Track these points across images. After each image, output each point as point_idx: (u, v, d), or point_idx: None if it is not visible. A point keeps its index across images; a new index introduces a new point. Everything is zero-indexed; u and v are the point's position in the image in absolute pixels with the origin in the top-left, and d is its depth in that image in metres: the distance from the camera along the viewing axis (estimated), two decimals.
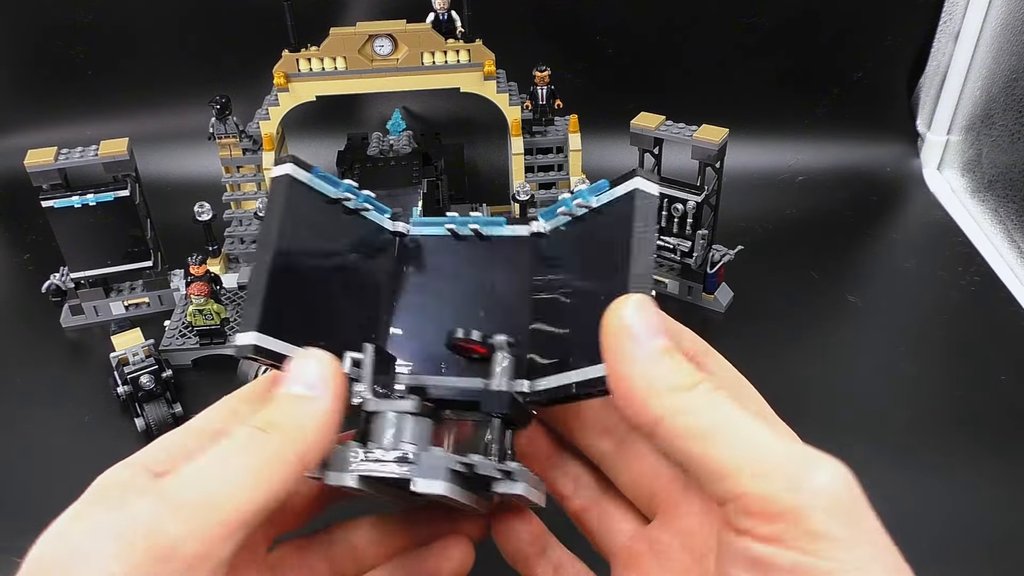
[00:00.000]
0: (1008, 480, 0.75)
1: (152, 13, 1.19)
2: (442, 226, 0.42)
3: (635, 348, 0.30)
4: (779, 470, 0.28)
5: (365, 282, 0.40)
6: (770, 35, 1.21)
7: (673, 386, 0.30)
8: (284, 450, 0.30)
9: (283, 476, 0.30)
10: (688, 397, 0.30)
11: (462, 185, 1.15)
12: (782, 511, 0.27)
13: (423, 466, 0.33)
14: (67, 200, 0.89)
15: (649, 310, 0.31)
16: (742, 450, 0.29)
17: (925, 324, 0.96)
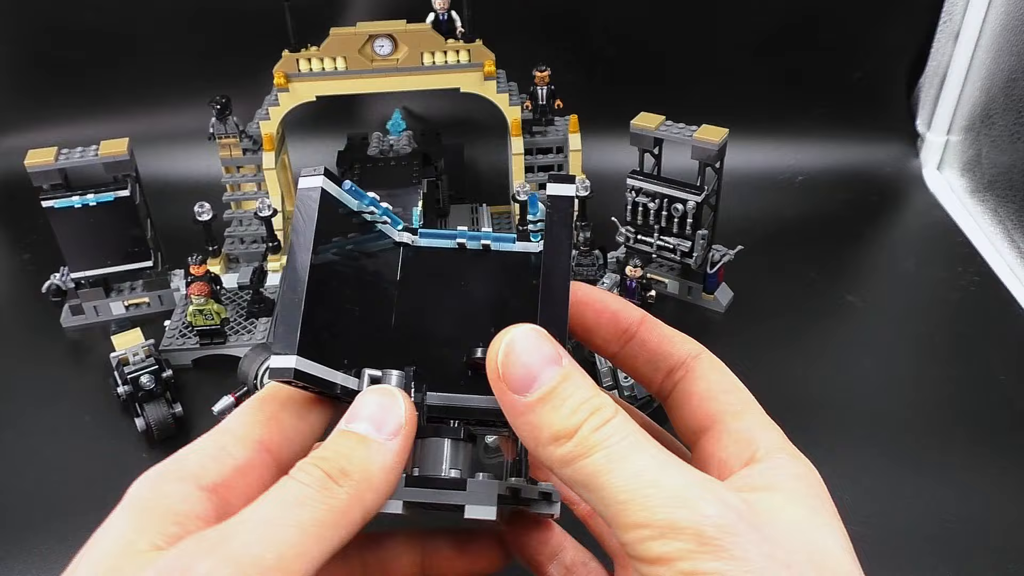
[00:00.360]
0: (1008, 480, 0.75)
1: (152, 13, 1.19)
2: (453, 239, 0.41)
3: (513, 401, 0.29)
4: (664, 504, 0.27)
5: (379, 296, 0.39)
6: (770, 35, 1.21)
7: (553, 436, 0.28)
8: (353, 506, 0.28)
9: (349, 533, 0.28)
10: (568, 447, 0.28)
11: (462, 185, 1.15)
12: (669, 529, 0.26)
13: (473, 492, 0.33)
14: (67, 200, 0.89)
15: (527, 344, 0.29)
16: (625, 489, 0.27)
17: (925, 324, 0.96)
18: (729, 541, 0.26)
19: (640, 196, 0.93)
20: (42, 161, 0.88)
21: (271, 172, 1.00)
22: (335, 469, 0.28)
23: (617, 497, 0.27)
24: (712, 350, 0.40)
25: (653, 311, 0.97)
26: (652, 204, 0.93)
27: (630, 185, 0.94)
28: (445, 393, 0.38)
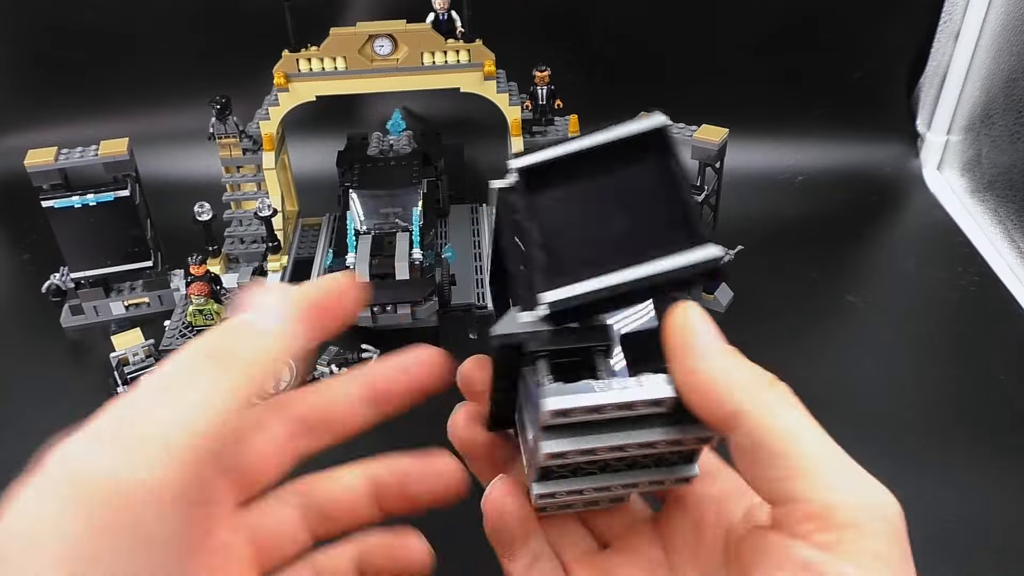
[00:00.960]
0: (1008, 480, 0.75)
1: (152, 13, 1.19)
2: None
3: (710, 343, 0.32)
4: (851, 486, 0.29)
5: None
6: (770, 35, 1.21)
7: (752, 382, 0.31)
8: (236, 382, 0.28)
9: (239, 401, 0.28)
10: (768, 395, 0.31)
11: (462, 185, 1.15)
12: (846, 524, 0.28)
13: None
14: (67, 200, 0.89)
15: (709, 320, 0.33)
16: (818, 457, 0.30)
17: (925, 324, 0.96)
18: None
19: None
20: (42, 161, 0.88)
21: (271, 172, 1.00)
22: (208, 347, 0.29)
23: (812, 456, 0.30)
24: None
25: None
26: None
27: None
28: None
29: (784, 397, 0.31)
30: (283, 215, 1.02)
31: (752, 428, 0.30)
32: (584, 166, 0.36)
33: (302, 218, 1.12)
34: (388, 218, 0.94)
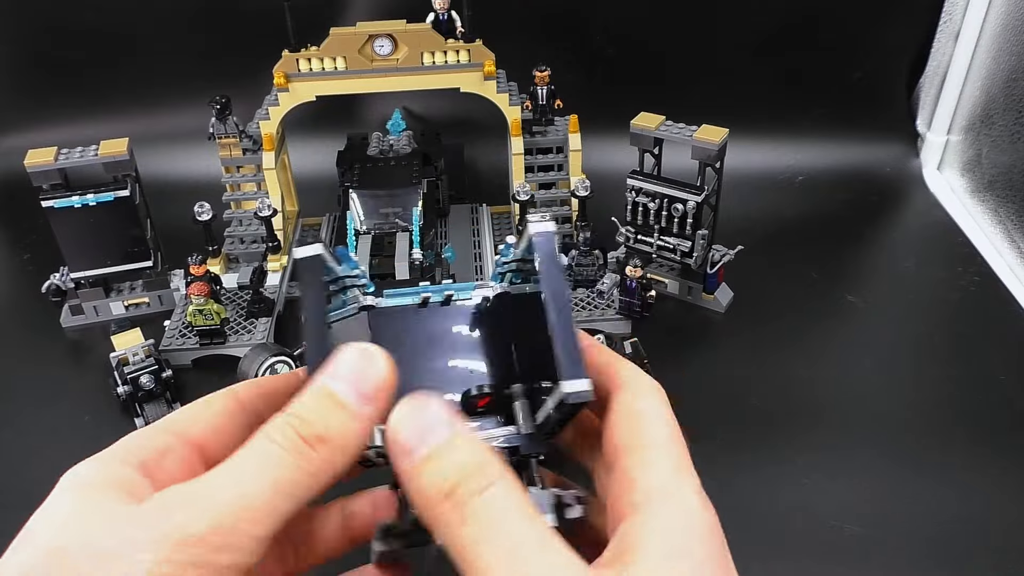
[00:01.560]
0: (1008, 480, 0.75)
1: (152, 13, 1.19)
2: (417, 296, 0.43)
3: (405, 463, 0.29)
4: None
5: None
6: (770, 35, 1.21)
7: (433, 498, 0.29)
8: (325, 470, 0.29)
9: (318, 492, 0.29)
10: (446, 507, 0.28)
11: (462, 185, 1.15)
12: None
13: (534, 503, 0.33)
14: (67, 200, 0.89)
15: (414, 413, 0.30)
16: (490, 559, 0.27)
17: (925, 324, 0.96)
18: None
19: (640, 196, 0.93)
20: (42, 161, 0.88)
21: (271, 172, 1.00)
22: (311, 435, 0.29)
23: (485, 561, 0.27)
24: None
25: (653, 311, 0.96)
26: (652, 204, 0.93)
27: (630, 185, 0.94)
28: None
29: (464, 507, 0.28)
30: (283, 215, 1.02)
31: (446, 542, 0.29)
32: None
33: (302, 218, 1.12)
34: (388, 218, 0.94)
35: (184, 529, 0.27)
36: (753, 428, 0.81)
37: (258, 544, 0.28)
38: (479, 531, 0.27)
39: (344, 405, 0.30)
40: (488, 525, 0.27)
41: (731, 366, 0.89)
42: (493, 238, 1.05)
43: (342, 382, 0.30)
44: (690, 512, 0.30)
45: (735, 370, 0.88)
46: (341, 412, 0.30)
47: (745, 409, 0.83)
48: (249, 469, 0.28)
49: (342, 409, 0.30)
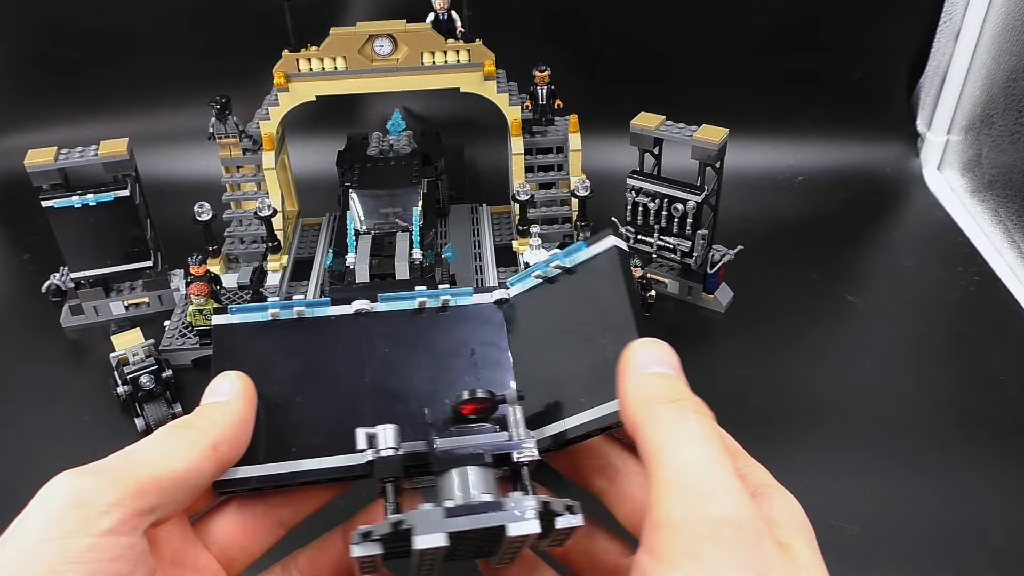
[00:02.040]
0: (1008, 481, 0.75)
1: (152, 13, 1.19)
2: (413, 300, 0.44)
3: (636, 368, 0.35)
4: (688, 490, 0.31)
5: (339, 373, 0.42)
6: (770, 35, 1.21)
7: (656, 397, 0.34)
8: (200, 438, 0.37)
9: (196, 456, 0.36)
10: (661, 408, 0.33)
11: (462, 185, 1.15)
12: (670, 523, 0.30)
13: (511, 511, 0.33)
14: (67, 200, 0.89)
15: (654, 348, 0.36)
16: (675, 466, 0.31)
17: (925, 324, 0.96)
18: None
19: (640, 196, 0.93)
20: (42, 161, 0.88)
21: (271, 172, 1.00)
22: (184, 421, 0.38)
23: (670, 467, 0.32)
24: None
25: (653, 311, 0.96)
26: (652, 204, 0.93)
27: (630, 185, 0.94)
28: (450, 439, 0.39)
29: (680, 413, 0.33)
30: (283, 215, 1.02)
31: (640, 439, 0.33)
32: None
33: (302, 218, 1.12)
34: (388, 218, 0.94)
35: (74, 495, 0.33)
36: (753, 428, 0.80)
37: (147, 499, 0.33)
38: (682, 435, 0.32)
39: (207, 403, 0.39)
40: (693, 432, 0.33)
41: (731, 366, 0.89)
42: (493, 238, 1.05)
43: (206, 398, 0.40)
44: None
45: (735, 370, 0.88)
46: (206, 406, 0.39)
47: (745, 409, 0.83)
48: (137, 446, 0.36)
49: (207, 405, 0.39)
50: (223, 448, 0.37)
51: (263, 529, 0.41)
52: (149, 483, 0.33)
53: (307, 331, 0.43)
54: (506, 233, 1.07)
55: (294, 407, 0.41)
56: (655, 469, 0.32)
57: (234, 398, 0.39)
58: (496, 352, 0.42)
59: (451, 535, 0.33)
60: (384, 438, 0.37)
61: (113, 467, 0.34)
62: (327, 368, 0.42)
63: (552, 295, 0.42)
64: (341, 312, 0.43)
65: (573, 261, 0.42)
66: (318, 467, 0.39)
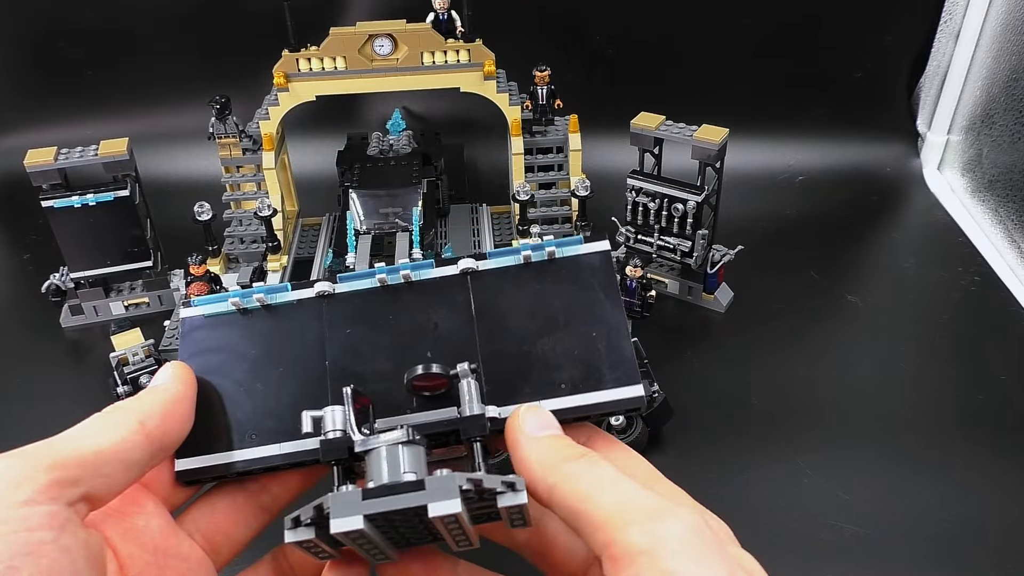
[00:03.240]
0: (1008, 480, 0.75)
1: (152, 13, 1.19)
2: (373, 277, 0.43)
3: (530, 434, 0.37)
4: (639, 519, 0.32)
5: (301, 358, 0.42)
6: (770, 35, 1.21)
7: (562, 458, 0.36)
8: (127, 416, 0.37)
9: (122, 432, 0.36)
10: (574, 465, 0.35)
11: (462, 185, 1.15)
12: (639, 552, 0.31)
13: (433, 489, 0.32)
14: (67, 200, 0.89)
15: (538, 413, 0.38)
16: (612, 504, 0.33)
17: (925, 324, 0.96)
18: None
19: (640, 196, 0.93)
20: (42, 161, 0.88)
21: (271, 172, 1.00)
22: (119, 405, 0.39)
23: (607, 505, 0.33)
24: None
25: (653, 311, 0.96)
26: (652, 204, 0.93)
27: (630, 185, 0.94)
28: (394, 417, 0.39)
29: (588, 464, 0.35)
30: (283, 215, 1.02)
31: (561, 499, 0.35)
32: None
33: (302, 218, 1.12)
34: (388, 218, 0.94)
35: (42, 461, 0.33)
36: (753, 428, 0.81)
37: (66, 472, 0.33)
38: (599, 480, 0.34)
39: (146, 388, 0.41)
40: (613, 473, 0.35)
41: (731, 366, 0.89)
42: (493, 238, 1.05)
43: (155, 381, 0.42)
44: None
45: (735, 370, 0.88)
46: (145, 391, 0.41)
47: (745, 409, 0.83)
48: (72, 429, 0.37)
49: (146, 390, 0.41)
50: (151, 424, 0.38)
51: (245, 516, 0.42)
52: (68, 457, 0.34)
53: (270, 319, 0.43)
54: (506, 233, 1.07)
55: (254, 394, 0.41)
56: (592, 514, 0.33)
57: (168, 380, 0.41)
58: (461, 326, 0.42)
59: (370, 517, 0.32)
60: (332, 420, 0.37)
61: (32, 447, 0.34)
62: (288, 353, 0.42)
63: (532, 278, 0.42)
64: (302, 296, 0.43)
65: (564, 252, 0.42)
66: (275, 453, 0.39)
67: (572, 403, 0.39)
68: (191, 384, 0.41)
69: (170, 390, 0.40)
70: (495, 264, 0.43)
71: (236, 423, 0.40)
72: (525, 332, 0.41)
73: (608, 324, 0.40)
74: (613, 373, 0.39)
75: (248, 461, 0.39)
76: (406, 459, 0.35)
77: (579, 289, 0.41)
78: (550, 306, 0.41)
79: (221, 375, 0.42)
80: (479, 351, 0.41)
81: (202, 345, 0.43)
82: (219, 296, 0.43)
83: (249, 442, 0.40)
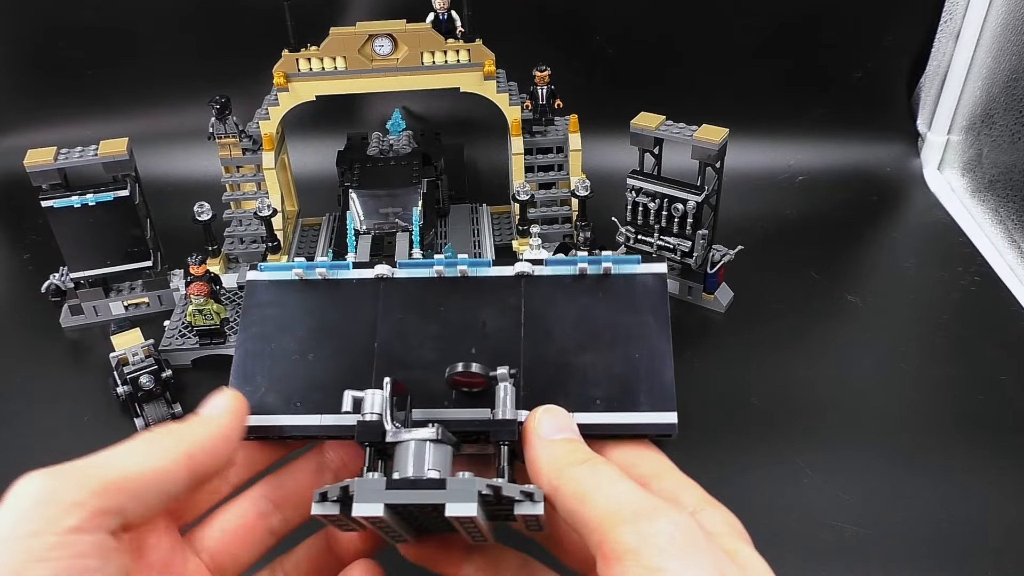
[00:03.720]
0: (1008, 481, 0.75)
1: (152, 13, 1.19)
2: (431, 268, 0.44)
3: (543, 436, 0.38)
4: (629, 518, 0.32)
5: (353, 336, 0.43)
6: (770, 35, 1.21)
7: (568, 463, 0.36)
8: (176, 445, 0.37)
9: (168, 462, 0.36)
10: (577, 469, 0.36)
11: (462, 185, 1.15)
12: (627, 551, 0.31)
13: (453, 490, 0.34)
14: (67, 200, 0.89)
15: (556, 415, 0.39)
16: (606, 506, 0.34)
17: (925, 324, 0.96)
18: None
19: (640, 196, 0.93)
20: (41, 161, 0.88)
21: (271, 172, 1.00)
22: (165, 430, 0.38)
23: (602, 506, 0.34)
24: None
25: None
26: (652, 204, 0.93)
27: (630, 185, 0.94)
28: (430, 409, 0.40)
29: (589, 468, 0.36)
30: (283, 215, 1.02)
31: (563, 500, 0.35)
32: None
33: (302, 218, 1.12)
34: (388, 218, 0.94)
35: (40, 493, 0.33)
36: (753, 428, 0.81)
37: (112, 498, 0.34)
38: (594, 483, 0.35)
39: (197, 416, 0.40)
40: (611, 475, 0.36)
41: (731, 366, 0.89)
42: (493, 238, 1.05)
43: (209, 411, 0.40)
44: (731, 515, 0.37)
45: (735, 370, 0.88)
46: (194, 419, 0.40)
47: (745, 409, 0.83)
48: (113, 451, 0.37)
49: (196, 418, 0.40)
50: (198, 458, 0.37)
51: (254, 538, 0.42)
52: (115, 483, 0.34)
53: (329, 292, 0.44)
54: (506, 233, 1.07)
55: (304, 363, 0.42)
56: (587, 515, 0.34)
57: (221, 413, 0.40)
58: (508, 328, 0.42)
59: (390, 507, 0.34)
60: (371, 403, 0.38)
61: (81, 467, 0.34)
62: (342, 329, 0.43)
63: (584, 291, 0.43)
64: (362, 276, 0.44)
65: (620, 269, 0.43)
66: (316, 424, 0.40)
67: (603, 419, 0.40)
68: (242, 419, 0.41)
69: (221, 424, 0.40)
70: (550, 271, 0.43)
71: (284, 389, 0.41)
72: (569, 344, 0.42)
73: (652, 347, 0.41)
74: (649, 397, 0.40)
75: (290, 427, 0.41)
76: (432, 457, 0.36)
77: (629, 309, 0.42)
78: (597, 321, 0.42)
79: (276, 341, 0.42)
80: (522, 356, 0.42)
81: (263, 310, 0.43)
82: (284, 264, 0.44)
83: (294, 409, 0.41)
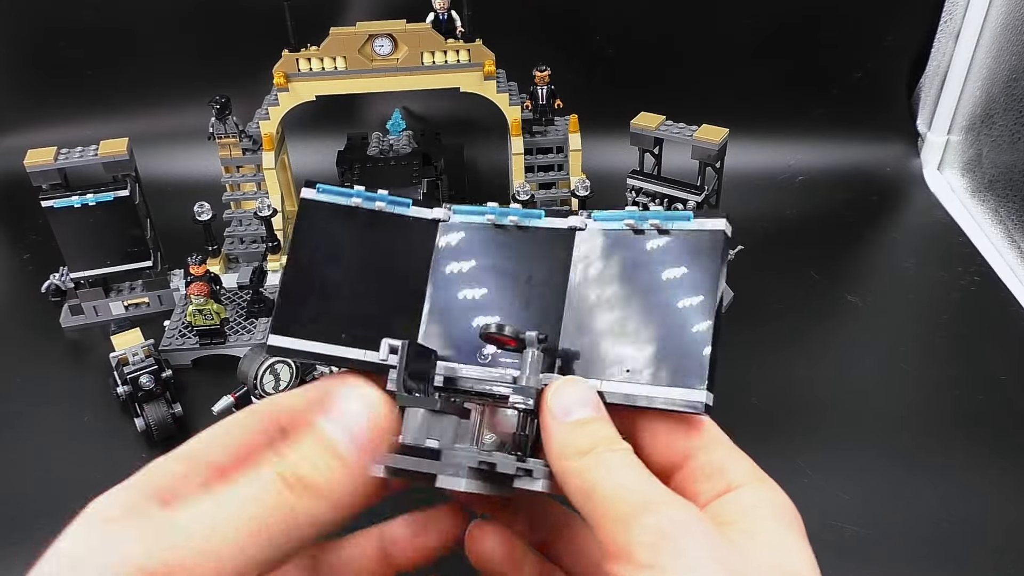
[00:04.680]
0: (1008, 481, 0.75)
1: (152, 13, 1.19)
2: (483, 215, 0.42)
3: (557, 417, 0.34)
4: (627, 514, 0.31)
5: (404, 275, 0.42)
6: (770, 35, 1.21)
7: (576, 450, 0.33)
8: (305, 517, 0.29)
9: (299, 542, 0.29)
10: (585, 459, 0.33)
11: (462, 185, 1.15)
12: (620, 549, 0.30)
13: (446, 463, 0.34)
14: (67, 200, 0.89)
15: (573, 390, 0.35)
16: (607, 499, 0.31)
17: (925, 324, 0.96)
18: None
19: (640, 196, 0.93)
20: (41, 161, 0.88)
21: (271, 172, 1.00)
22: (299, 483, 0.29)
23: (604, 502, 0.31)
24: None
25: None
26: (652, 204, 0.93)
27: (630, 185, 0.94)
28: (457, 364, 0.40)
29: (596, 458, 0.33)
30: (283, 215, 1.02)
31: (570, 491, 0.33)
32: None
33: None
34: None
35: (132, 561, 0.26)
36: (753, 428, 0.80)
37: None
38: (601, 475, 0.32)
39: (340, 456, 0.31)
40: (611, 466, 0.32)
41: (731, 366, 0.88)
42: None
43: (343, 432, 0.31)
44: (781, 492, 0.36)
45: (735, 370, 0.88)
46: (335, 463, 0.30)
47: (745, 409, 0.83)
48: (227, 507, 0.28)
49: (337, 460, 0.30)
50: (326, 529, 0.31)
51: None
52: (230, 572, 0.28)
53: (384, 227, 0.42)
54: None
55: (355, 297, 0.41)
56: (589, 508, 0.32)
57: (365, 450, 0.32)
58: (551, 286, 0.41)
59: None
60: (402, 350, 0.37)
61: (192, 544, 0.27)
62: (394, 268, 0.42)
63: (633, 248, 0.40)
64: (420, 214, 0.43)
65: (671, 225, 0.39)
66: (357, 358, 0.39)
67: (628, 391, 0.37)
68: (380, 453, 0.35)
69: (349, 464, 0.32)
70: (602, 225, 0.41)
71: (333, 318, 0.40)
72: (609, 305, 0.39)
73: (695, 318, 0.37)
74: (681, 372, 0.37)
75: (332, 358, 0.40)
76: (436, 426, 0.36)
77: (678, 272, 0.38)
78: (642, 283, 0.39)
79: (331, 267, 0.41)
80: (561, 312, 0.40)
81: (320, 232, 0.41)
82: (343, 190, 0.42)
83: (339, 340, 0.40)
